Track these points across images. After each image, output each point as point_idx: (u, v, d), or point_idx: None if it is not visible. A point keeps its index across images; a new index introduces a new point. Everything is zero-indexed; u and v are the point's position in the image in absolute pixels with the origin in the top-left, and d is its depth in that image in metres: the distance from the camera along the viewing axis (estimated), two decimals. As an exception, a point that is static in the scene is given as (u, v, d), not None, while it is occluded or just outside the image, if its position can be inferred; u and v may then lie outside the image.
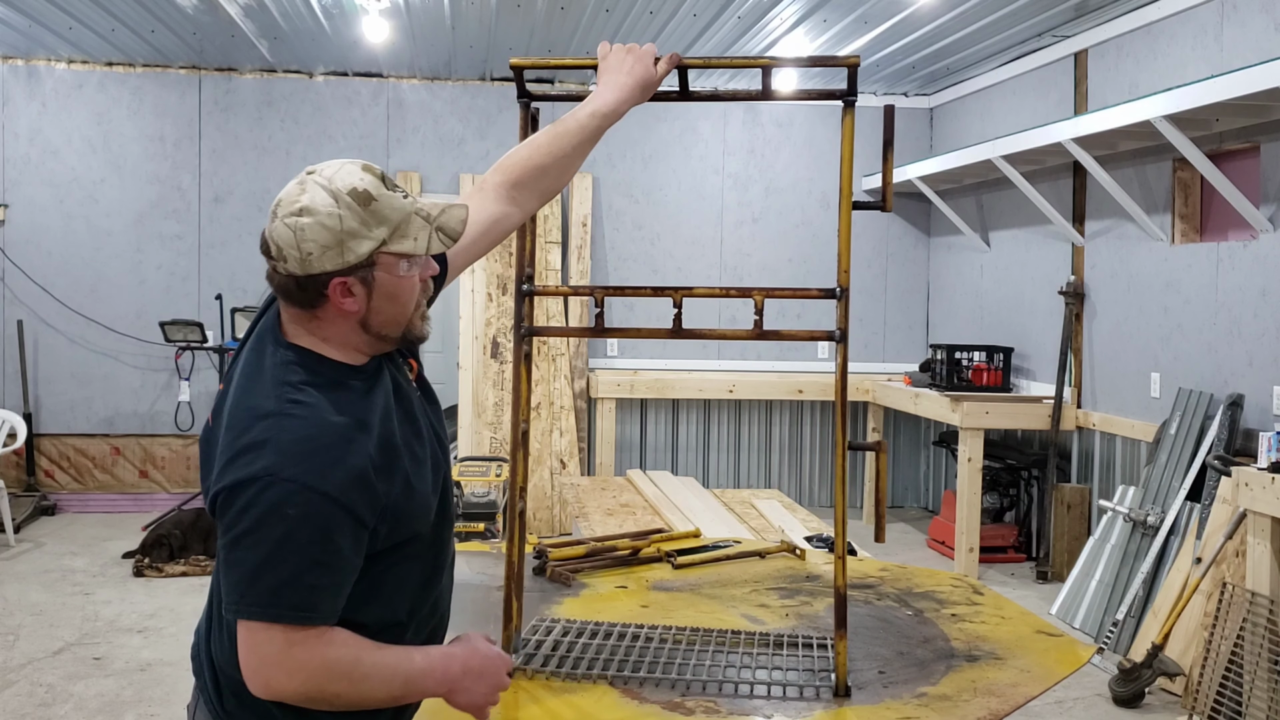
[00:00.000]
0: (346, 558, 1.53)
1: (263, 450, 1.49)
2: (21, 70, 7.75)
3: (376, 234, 1.57)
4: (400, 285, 1.62)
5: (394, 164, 8.03)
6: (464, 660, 1.66)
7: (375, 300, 1.60)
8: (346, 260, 1.56)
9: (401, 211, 1.60)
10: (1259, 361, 4.94)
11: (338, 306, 1.59)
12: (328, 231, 1.55)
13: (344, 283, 1.57)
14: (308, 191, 1.57)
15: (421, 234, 1.61)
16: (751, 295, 2.15)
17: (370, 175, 1.60)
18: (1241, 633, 4.13)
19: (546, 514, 7.61)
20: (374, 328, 1.63)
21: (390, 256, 1.59)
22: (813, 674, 2.12)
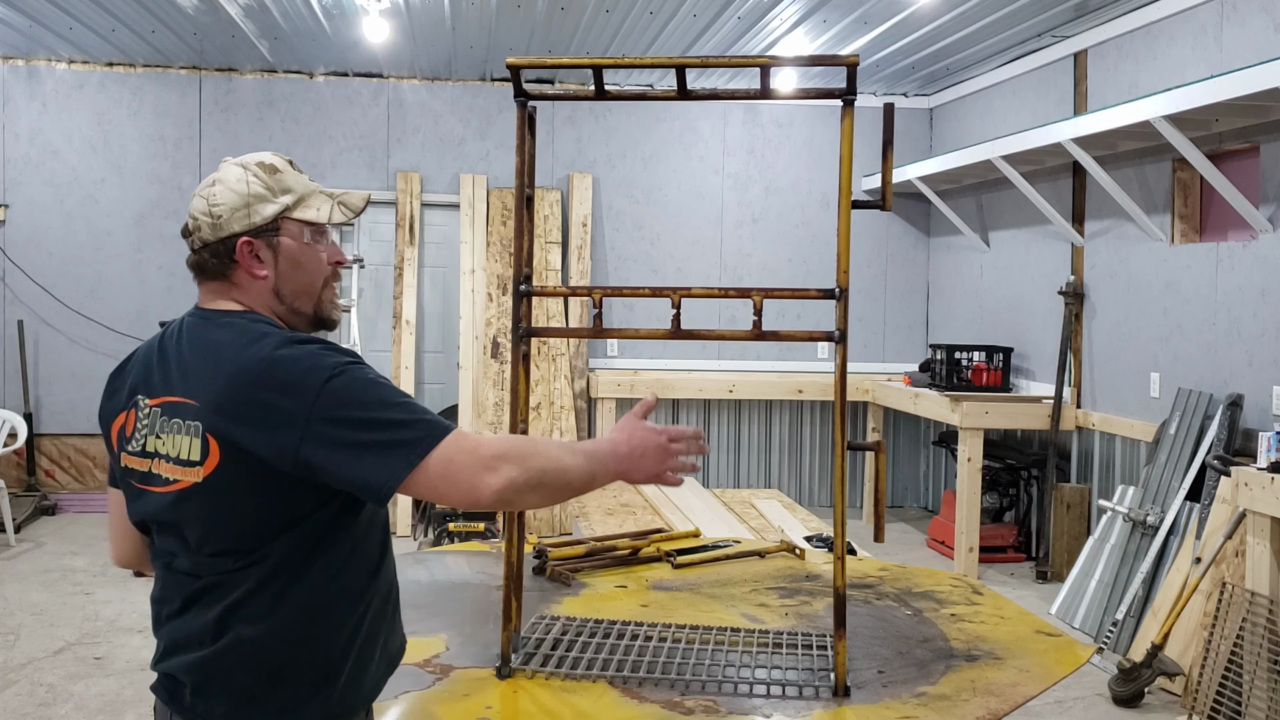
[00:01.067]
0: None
1: (308, 363, 1.55)
2: (22, 70, 7.76)
3: (281, 200, 1.70)
4: (305, 253, 1.72)
5: (394, 164, 8.03)
6: (627, 436, 1.70)
7: (282, 265, 1.70)
8: (253, 221, 1.68)
9: (305, 186, 1.74)
10: (1258, 361, 4.94)
11: (248, 269, 1.68)
12: (236, 195, 1.68)
13: (250, 244, 1.68)
14: (220, 170, 1.72)
15: (324, 205, 1.74)
16: (750, 296, 2.16)
17: (279, 157, 1.75)
18: (1241, 632, 4.13)
19: (546, 514, 7.62)
20: (286, 297, 1.71)
21: (294, 223, 1.71)
22: (812, 673, 2.12)
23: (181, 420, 1.60)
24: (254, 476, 1.56)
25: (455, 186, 8.03)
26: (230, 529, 1.59)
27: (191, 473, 1.59)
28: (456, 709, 1.98)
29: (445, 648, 2.26)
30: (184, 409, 1.60)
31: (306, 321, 1.75)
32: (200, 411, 1.58)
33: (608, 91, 2.18)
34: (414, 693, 2.02)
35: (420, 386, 8.01)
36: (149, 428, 1.65)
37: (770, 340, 2.18)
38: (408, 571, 2.84)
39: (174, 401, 1.62)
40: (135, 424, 1.68)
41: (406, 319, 7.83)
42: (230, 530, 1.59)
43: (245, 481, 1.56)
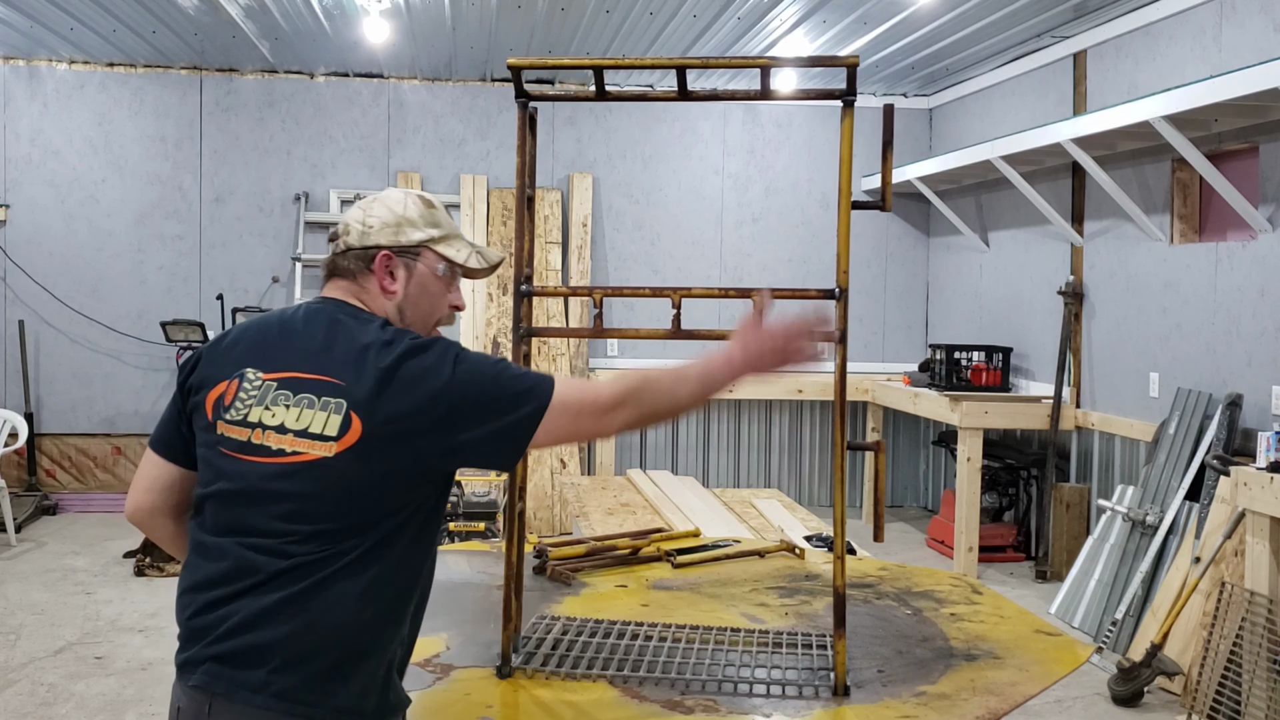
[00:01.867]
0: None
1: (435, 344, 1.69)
2: (23, 71, 7.76)
3: (429, 231, 1.82)
4: (435, 283, 1.83)
5: (394, 164, 8.04)
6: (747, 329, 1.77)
7: (411, 288, 1.80)
8: (399, 240, 1.80)
9: (453, 227, 1.86)
10: (1258, 361, 4.95)
11: (380, 280, 1.79)
12: (391, 213, 1.81)
13: (389, 258, 1.79)
14: (385, 191, 1.86)
15: (464, 249, 1.86)
16: (750, 296, 2.15)
17: (436, 199, 1.89)
18: (1240, 632, 4.13)
19: (547, 513, 7.62)
20: (407, 317, 1.80)
21: (434, 255, 1.82)
22: (812, 673, 2.13)
23: (315, 396, 1.65)
24: (392, 459, 1.63)
25: (456, 187, 8.03)
26: (343, 505, 1.63)
27: (322, 446, 1.62)
28: (457, 709, 1.99)
29: (445, 647, 2.27)
30: (321, 386, 1.66)
31: None
32: (345, 391, 1.64)
33: (608, 92, 2.18)
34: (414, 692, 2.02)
35: (420, 386, 8.00)
36: (257, 399, 1.68)
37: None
38: (408, 571, 2.85)
39: (305, 378, 1.68)
40: (237, 394, 1.70)
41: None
42: (343, 507, 1.63)
43: (380, 463, 1.63)
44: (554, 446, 1.75)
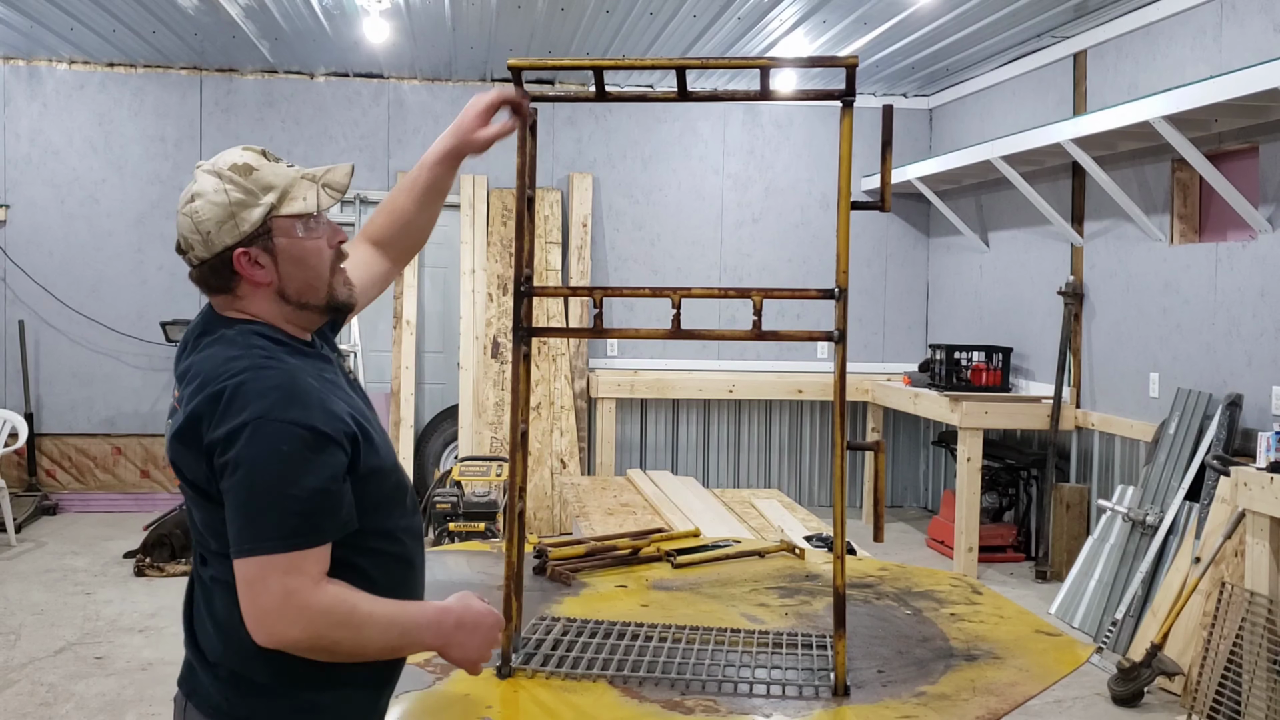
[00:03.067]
0: (338, 478, 1.59)
1: (246, 397, 1.55)
2: (23, 71, 7.76)
3: (265, 200, 1.66)
4: (303, 247, 1.69)
5: (395, 164, 8.04)
6: (458, 615, 1.70)
7: (283, 266, 1.67)
8: (242, 230, 1.64)
9: (286, 177, 1.68)
10: (1258, 361, 4.95)
11: (250, 279, 1.66)
12: (218, 207, 1.64)
13: (247, 253, 1.65)
14: (197, 181, 1.67)
15: (309, 193, 1.69)
16: (750, 296, 2.15)
17: (250, 152, 1.69)
18: (1240, 632, 4.13)
19: (547, 514, 7.62)
20: (292, 295, 1.69)
21: (285, 220, 1.67)
22: (812, 673, 2.13)
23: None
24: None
25: (456, 186, 8.03)
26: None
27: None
28: (456, 709, 1.99)
29: (446, 647, 2.26)
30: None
31: (319, 312, 1.75)
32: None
33: (608, 93, 2.18)
34: (414, 692, 2.02)
35: (420, 386, 8.02)
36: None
37: (770, 340, 2.18)
38: (408, 571, 2.84)
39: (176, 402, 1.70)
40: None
41: (407, 319, 7.84)
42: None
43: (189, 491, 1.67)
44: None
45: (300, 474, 1.55)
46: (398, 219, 2.08)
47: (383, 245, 2.08)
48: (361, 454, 1.64)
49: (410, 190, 2.08)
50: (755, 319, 2.14)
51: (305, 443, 1.55)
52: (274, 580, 1.53)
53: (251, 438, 1.53)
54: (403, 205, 2.08)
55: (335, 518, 1.59)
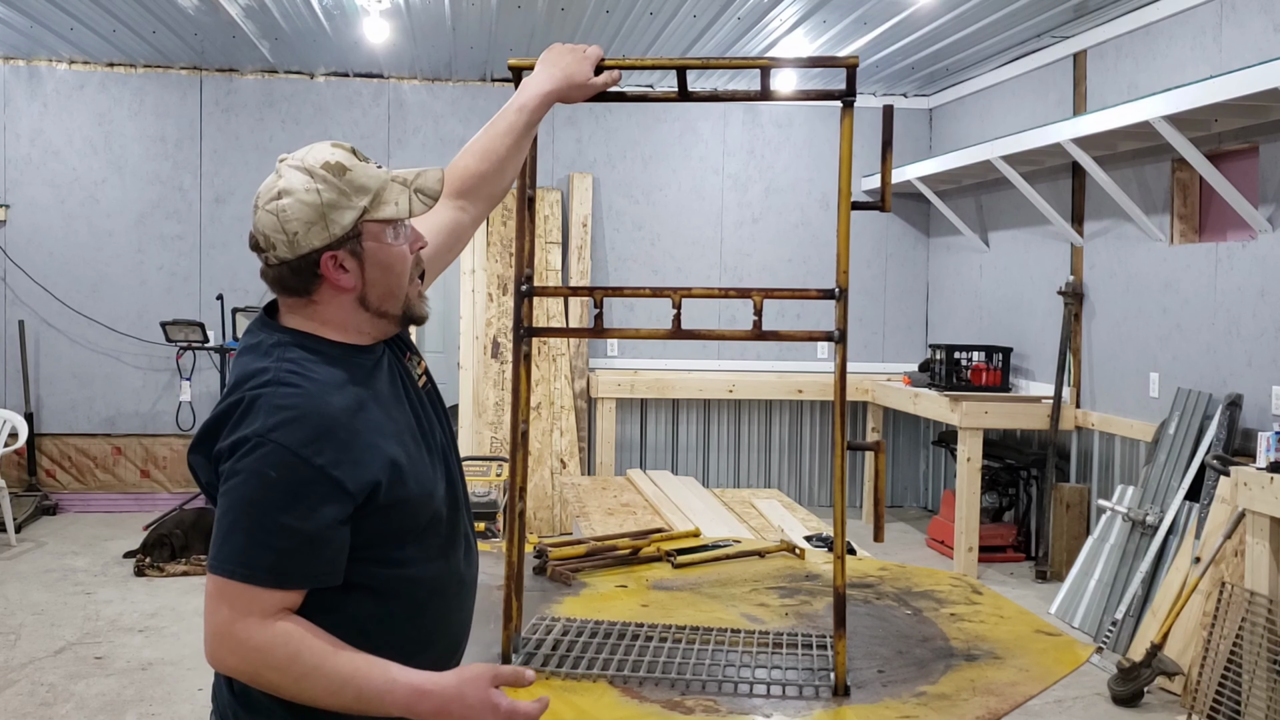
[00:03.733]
0: (327, 525, 1.49)
1: (257, 411, 1.50)
2: (23, 71, 7.76)
3: (357, 203, 1.58)
4: (391, 254, 1.62)
5: (395, 165, 8.03)
6: (441, 704, 1.51)
7: (369, 272, 1.61)
8: (333, 233, 1.57)
9: (378, 179, 1.61)
10: (1258, 361, 4.95)
11: (334, 283, 1.59)
12: (309, 208, 1.56)
13: (334, 256, 1.58)
14: (284, 176, 1.60)
15: (401, 198, 1.62)
16: (750, 296, 2.14)
17: (341, 150, 1.62)
18: (1240, 632, 4.14)
19: (547, 514, 7.62)
20: (373, 303, 1.63)
21: (375, 225, 1.60)
22: (812, 673, 2.13)
23: None
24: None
25: (455, 187, 8.03)
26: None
27: None
28: (457, 708, 1.99)
29: (446, 647, 2.27)
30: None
31: (395, 322, 1.68)
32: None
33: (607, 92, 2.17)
34: (415, 692, 2.02)
35: (420, 386, 8.01)
36: None
37: (770, 340, 2.17)
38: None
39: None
40: None
41: (407, 319, 7.83)
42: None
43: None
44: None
45: (282, 508, 1.47)
46: (492, 162, 1.93)
47: (467, 194, 1.94)
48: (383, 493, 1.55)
49: (509, 133, 1.94)
50: (756, 319, 2.14)
51: (300, 477, 1.48)
52: (223, 605, 1.48)
53: (247, 454, 1.48)
54: (498, 148, 1.94)
55: (309, 567, 1.50)
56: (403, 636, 1.62)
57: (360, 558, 1.56)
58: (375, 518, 1.55)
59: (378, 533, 1.57)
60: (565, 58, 2.00)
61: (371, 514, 1.54)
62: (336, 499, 1.50)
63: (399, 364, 1.72)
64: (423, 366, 1.79)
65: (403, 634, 1.62)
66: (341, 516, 1.51)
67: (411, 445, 1.62)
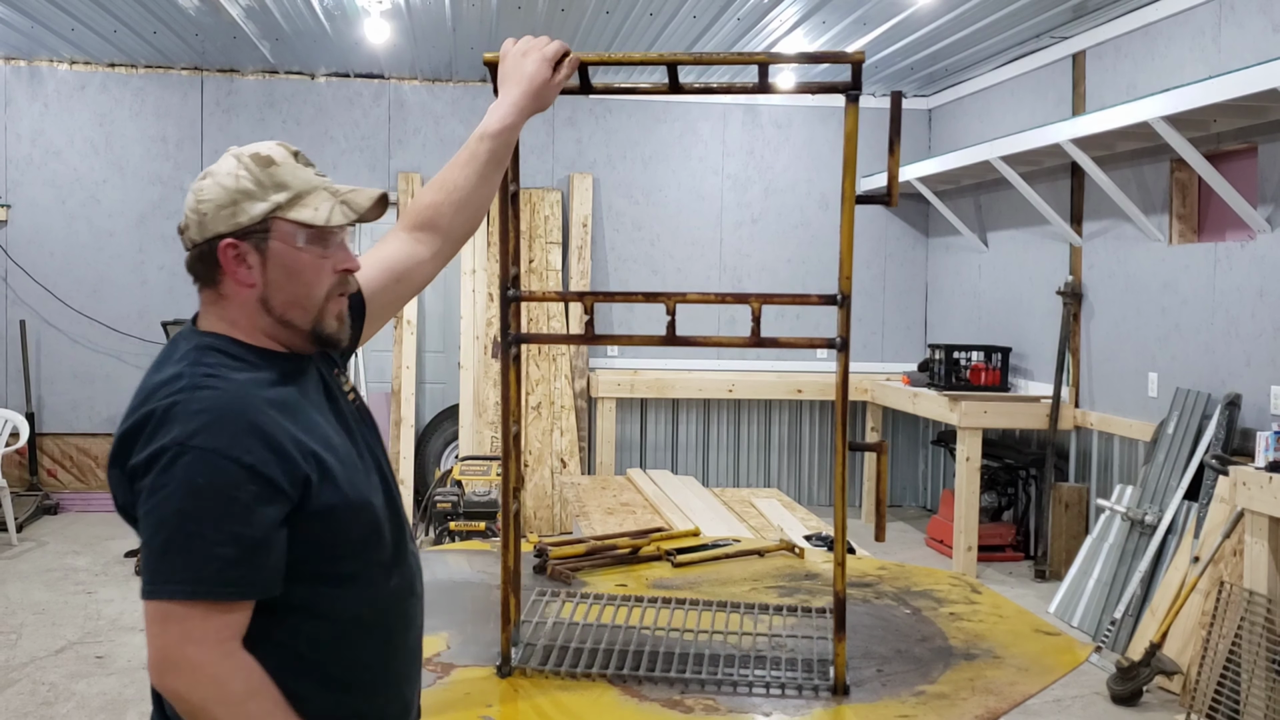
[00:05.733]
0: (268, 526, 1.42)
1: (172, 419, 1.40)
2: (24, 71, 7.77)
3: (273, 197, 1.52)
4: (298, 260, 1.53)
5: (395, 165, 8.05)
6: None
7: (271, 272, 1.52)
8: (239, 221, 1.51)
9: (305, 181, 1.55)
10: (1256, 361, 4.96)
11: (233, 275, 1.52)
12: (224, 191, 1.52)
13: (235, 245, 1.51)
14: (219, 161, 1.57)
15: (324, 204, 1.54)
16: (748, 302, 2.08)
17: (282, 149, 1.58)
18: (1239, 631, 4.15)
19: (547, 513, 7.63)
20: (276, 308, 1.53)
21: (288, 224, 1.52)
22: (812, 672, 2.14)
23: None
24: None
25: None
26: None
27: None
28: (457, 708, 2.00)
29: (446, 646, 2.28)
30: None
31: (303, 337, 1.57)
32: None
33: (594, 86, 2.08)
34: (416, 691, 2.03)
35: (421, 386, 8.03)
36: None
37: (769, 347, 2.13)
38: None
39: None
40: None
41: (408, 319, 7.85)
42: None
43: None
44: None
45: (219, 515, 1.38)
46: (449, 194, 1.83)
47: (425, 228, 1.84)
48: (314, 494, 1.46)
49: (469, 162, 1.84)
50: (754, 325, 2.09)
51: (229, 478, 1.39)
52: (171, 627, 1.38)
53: (168, 465, 1.38)
54: (456, 179, 1.84)
55: (257, 576, 1.41)
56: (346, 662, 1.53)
57: (297, 575, 1.47)
58: (310, 525, 1.47)
59: (313, 544, 1.48)
60: (523, 65, 1.88)
61: (305, 520, 1.46)
62: (272, 498, 1.42)
63: (329, 376, 1.65)
64: (349, 385, 1.71)
65: (345, 659, 1.53)
66: (279, 517, 1.43)
67: (343, 450, 1.55)
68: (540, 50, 1.90)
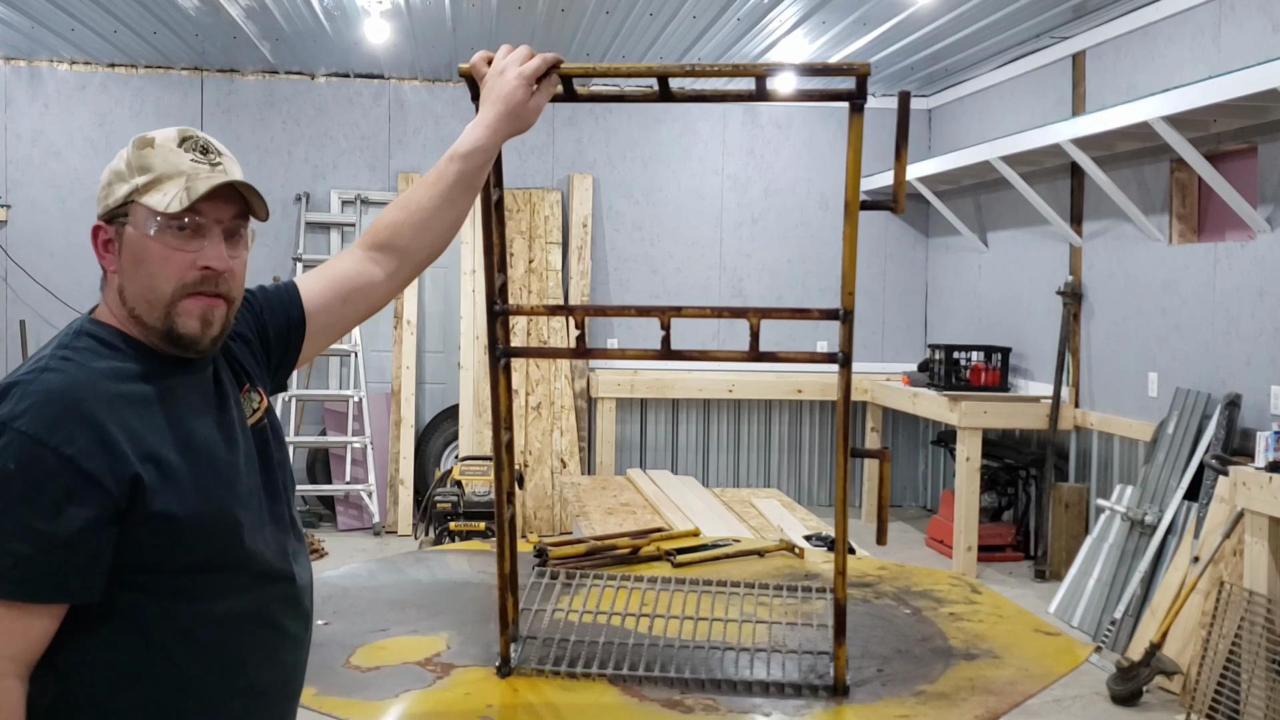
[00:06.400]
0: (80, 529, 1.29)
1: (9, 398, 1.33)
2: (24, 71, 7.77)
3: (134, 180, 1.45)
4: (145, 247, 1.44)
5: (396, 165, 8.05)
6: None
7: (125, 258, 1.47)
8: (107, 203, 1.49)
9: (173, 166, 1.44)
10: (1256, 361, 4.96)
11: (101, 259, 1.50)
12: (109, 172, 1.49)
13: (100, 228, 1.50)
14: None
15: (172, 189, 1.43)
16: (747, 317, 1.98)
17: (175, 130, 1.50)
18: (1239, 631, 4.15)
19: (547, 513, 7.63)
20: (128, 298, 1.46)
21: (141, 209, 1.44)
22: (812, 672, 2.14)
23: None
24: None
25: (455, 187, 8.03)
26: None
27: None
28: (457, 708, 2.00)
29: (446, 646, 2.28)
30: None
31: (157, 335, 1.45)
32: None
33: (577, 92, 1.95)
34: (414, 691, 2.03)
35: (421, 386, 8.03)
36: None
37: (768, 361, 2.07)
38: (409, 571, 2.86)
39: None
40: None
41: (408, 319, 7.85)
42: None
43: None
44: None
45: (20, 504, 1.27)
46: (411, 213, 1.73)
47: (383, 247, 1.73)
48: (148, 497, 1.33)
49: (436, 182, 1.74)
50: (752, 340, 2.01)
51: (42, 468, 1.28)
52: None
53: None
54: (420, 198, 1.73)
55: (58, 579, 1.28)
56: (170, 683, 1.39)
57: (123, 580, 1.34)
58: (141, 530, 1.34)
59: (146, 549, 1.35)
60: (499, 84, 1.75)
61: (137, 524, 1.33)
62: (89, 496, 1.29)
63: (232, 391, 1.53)
64: (264, 406, 1.58)
65: (169, 680, 1.39)
66: (97, 518, 1.30)
67: (206, 456, 1.42)
68: (518, 67, 1.75)
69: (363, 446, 7.62)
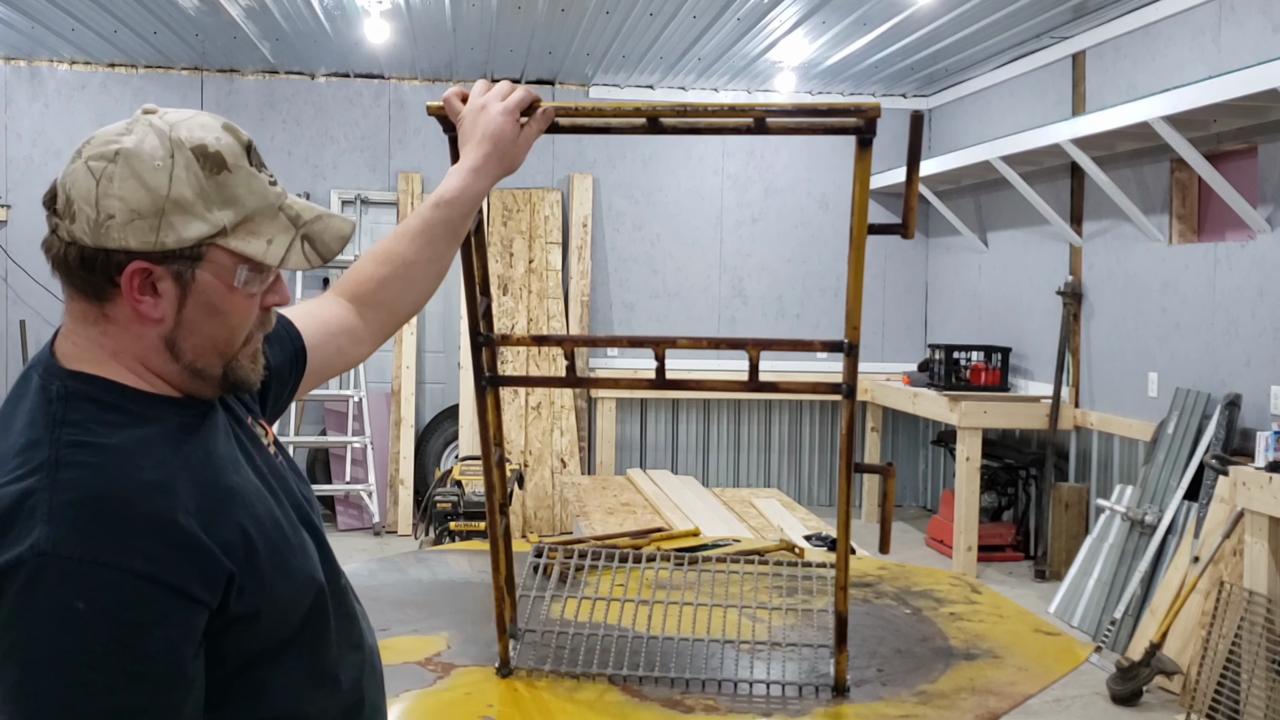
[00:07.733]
0: (179, 659, 1.04)
1: (30, 517, 1.00)
2: (24, 71, 7.77)
3: (216, 217, 1.11)
4: (230, 302, 1.15)
5: (395, 165, 8.05)
6: None
7: (189, 310, 1.13)
8: (162, 241, 1.09)
9: (261, 198, 1.15)
10: (1256, 361, 4.96)
11: (133, 306, 1.10)
12: (146, 192, 1.08)
13: (147, 271, 1.10)
14: (135, 133, 1.11)
15: (281, 237, 1.16)
16: (745, 349, 1.88)
17: (232, 139, 1.15)
18: (1239, 631, 4.15)
19: (547, 513, 7.63)
20: (185, 352, 1.14)
21: (227, 255, 1.13)
22: (812, 672, 2.14)
23: None
24: None
25: (455, 187, 8.03)
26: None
27: None
28: (457, 708, 2.00)
29: (446, 646, 2.28)
30: None
31: (212, 385, 1.19)
32: None
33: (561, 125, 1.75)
34: (415, 691, 2.03)
35: (421, 386, 8.03)
36: None
37: (768, 392, 2.05)
38: (409, 570, 2.86)
39: None
40: None
41: (407, 319, 7.85)
42: None
43: None
44: None
45: (111, 651, 0.99)
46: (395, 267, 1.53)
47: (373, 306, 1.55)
48: (237, 589, 1.09)
49: (422, 233, 1.53)
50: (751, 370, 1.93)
51: (123, 598, 1.00)
52: None
53: (26, 588, 0.98)
54: (403, 251, 1.53)
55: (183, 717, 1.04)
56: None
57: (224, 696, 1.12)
58: (223, 635, 1.10)
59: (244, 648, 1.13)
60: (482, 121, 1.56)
61: (220, 629, 1.09)
62: (183, 613, 1.04)
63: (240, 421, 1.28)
64: (271, 437, 1.35)
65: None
66: (196, 637, 1.06)
67: (268, 522, 1.17)
68: (500, 101, 1.57)
69: (363, 446, 7.63)
